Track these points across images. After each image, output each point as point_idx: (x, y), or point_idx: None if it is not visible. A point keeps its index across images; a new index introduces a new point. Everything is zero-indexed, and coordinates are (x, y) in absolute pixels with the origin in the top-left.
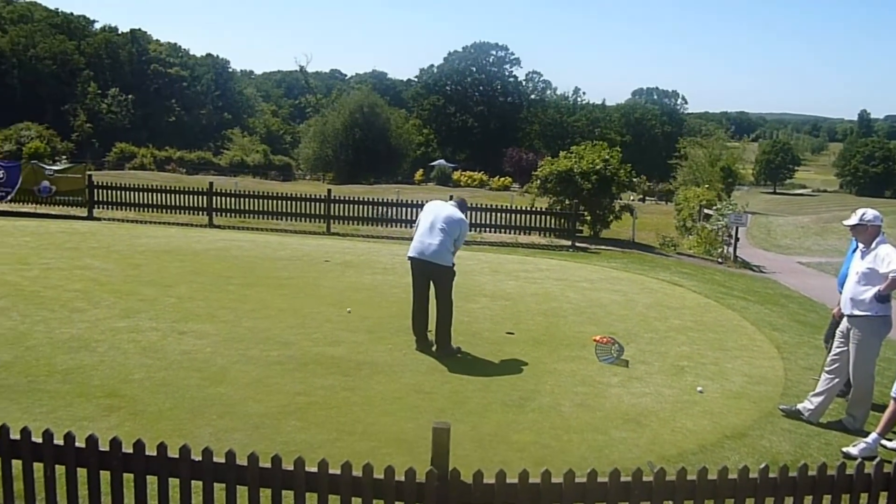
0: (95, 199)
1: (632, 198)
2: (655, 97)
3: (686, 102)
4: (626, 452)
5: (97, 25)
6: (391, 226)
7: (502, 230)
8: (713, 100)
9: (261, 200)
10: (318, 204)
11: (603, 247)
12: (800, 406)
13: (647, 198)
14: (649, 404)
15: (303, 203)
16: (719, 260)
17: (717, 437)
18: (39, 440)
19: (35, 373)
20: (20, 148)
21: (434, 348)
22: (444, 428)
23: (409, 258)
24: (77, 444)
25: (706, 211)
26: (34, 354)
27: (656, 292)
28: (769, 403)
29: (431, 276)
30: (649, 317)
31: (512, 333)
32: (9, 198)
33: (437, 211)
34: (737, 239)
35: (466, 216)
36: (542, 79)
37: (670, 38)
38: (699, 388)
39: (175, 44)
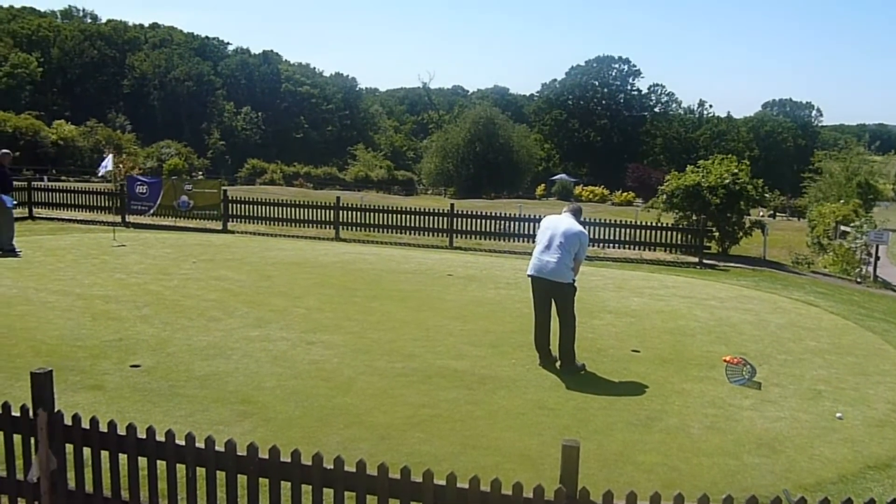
0: (229, 213)
1: (761, 213)
2: (788, 109)
3: (821, 115)
4: (760, 479)
5: (231, 48)
6: (514, 240)
7: (626, 246)
8: (850, 112)
9: (385, 215)
10: (441, 218)
11: (732, 264)
12: None
13: (777, 213)
14: (784, 429)
15: (426, 217)
16: (858, 279)
17: (858, 466)
18: (182, 443)
19: (175, 378)
20: (161, 164)
21: (558, 364)
22: (573, 446)
23: (529, 276)
24: (217, 447)
25: (843, 228)
26: (174, 360)
27: (790, 312)
28: None
29: (551, 293)
30: (783, 338)
31: (637, 351)
32: (151, 211)
33: (555, 226)
34: (877, 258)
35: (584, 226)
36: (665, 91)
37: (804, 48)
38: (838, 415)
39: (306, 64)
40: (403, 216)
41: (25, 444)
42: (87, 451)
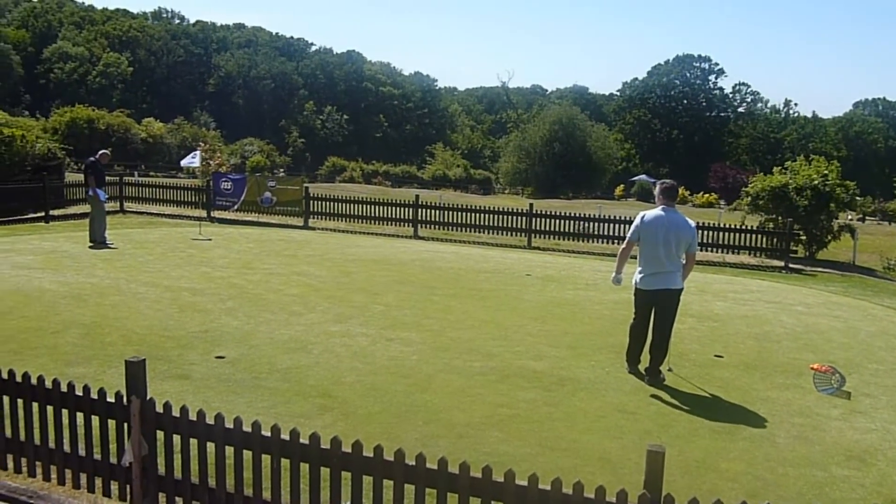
0: (310, 209)
1: (850, 217)
2: (881, 108)
3: None
4: (850, 492)
5: (314, 48)
6: (593, 241)
7: (709, 248)
8: None
9: (464, 213)
10: (520, 218)
11: (819, 269)
12: None
13: (867, 217)
14: (875, 441)
15: (505, 217)
16: None
17: None
18: (268, 434)
19: (258, 370)
20: (244, 162)
21: (647, 370)
22: (658, 452)
23: (647, 290)
24: (301, 440)
25: None
26: (257, 353)
27: (882, 320)
28: None
29: (665, 302)
30: (874, 346)
31: (721, 357)
32: (235, 207)
33: (665, 234)
34: None
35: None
36: (750, 90)
37: None
38: None
39: (387, 63)
40: (482, 215)
41: (119, 429)
42: (175, 439)
